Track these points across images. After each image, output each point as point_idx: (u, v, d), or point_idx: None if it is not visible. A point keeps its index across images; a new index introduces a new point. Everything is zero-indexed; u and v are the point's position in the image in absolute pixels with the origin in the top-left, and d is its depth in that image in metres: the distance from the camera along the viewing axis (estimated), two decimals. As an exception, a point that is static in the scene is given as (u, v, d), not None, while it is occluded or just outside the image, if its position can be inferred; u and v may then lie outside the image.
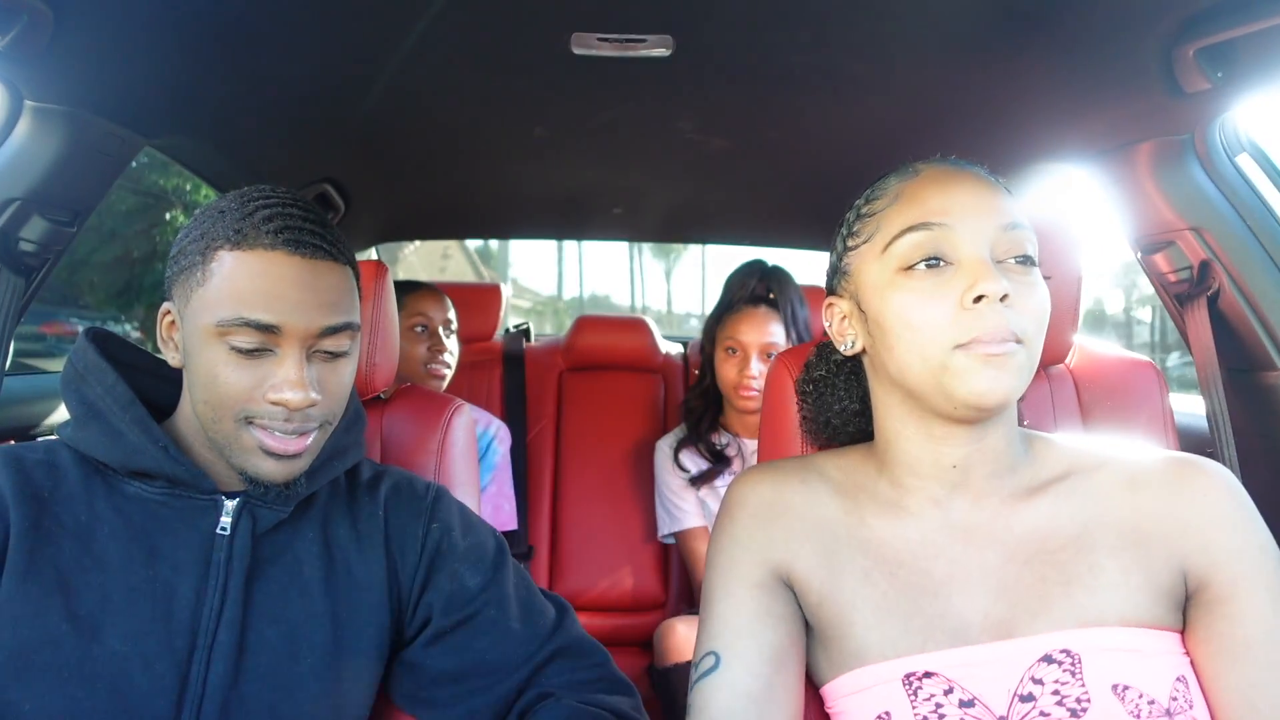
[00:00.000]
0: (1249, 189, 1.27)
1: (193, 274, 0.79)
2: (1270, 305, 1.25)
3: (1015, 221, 0.72)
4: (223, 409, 0.78)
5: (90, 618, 0.76)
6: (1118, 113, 1.21)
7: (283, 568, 0.85)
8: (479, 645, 0.89)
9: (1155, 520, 0.74)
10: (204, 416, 0.80)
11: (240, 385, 0.78)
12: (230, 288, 0.77)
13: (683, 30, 1.07)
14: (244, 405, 0.78)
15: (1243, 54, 0.99)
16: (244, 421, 0.79)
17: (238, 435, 0.79)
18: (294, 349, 0.78)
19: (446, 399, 1.22)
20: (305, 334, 0.78)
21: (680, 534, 1.92)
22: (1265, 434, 1.31)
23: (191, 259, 0.80)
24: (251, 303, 0.77)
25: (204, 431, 0.82)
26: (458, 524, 0.95)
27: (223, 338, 0.77)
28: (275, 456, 0.80)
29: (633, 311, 11.13)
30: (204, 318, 0.78)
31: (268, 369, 0.78)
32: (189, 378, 0.82)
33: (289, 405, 0.78)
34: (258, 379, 0.78)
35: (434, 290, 1.98)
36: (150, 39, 1.05)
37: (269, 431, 0.79)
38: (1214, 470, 0.76)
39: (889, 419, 0.80)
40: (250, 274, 0.77)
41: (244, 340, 0.77)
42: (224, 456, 0.82)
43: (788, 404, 0.99)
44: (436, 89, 1.30)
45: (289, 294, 0.78)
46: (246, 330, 0.77)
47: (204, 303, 0.78)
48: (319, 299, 0.79)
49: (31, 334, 3.39)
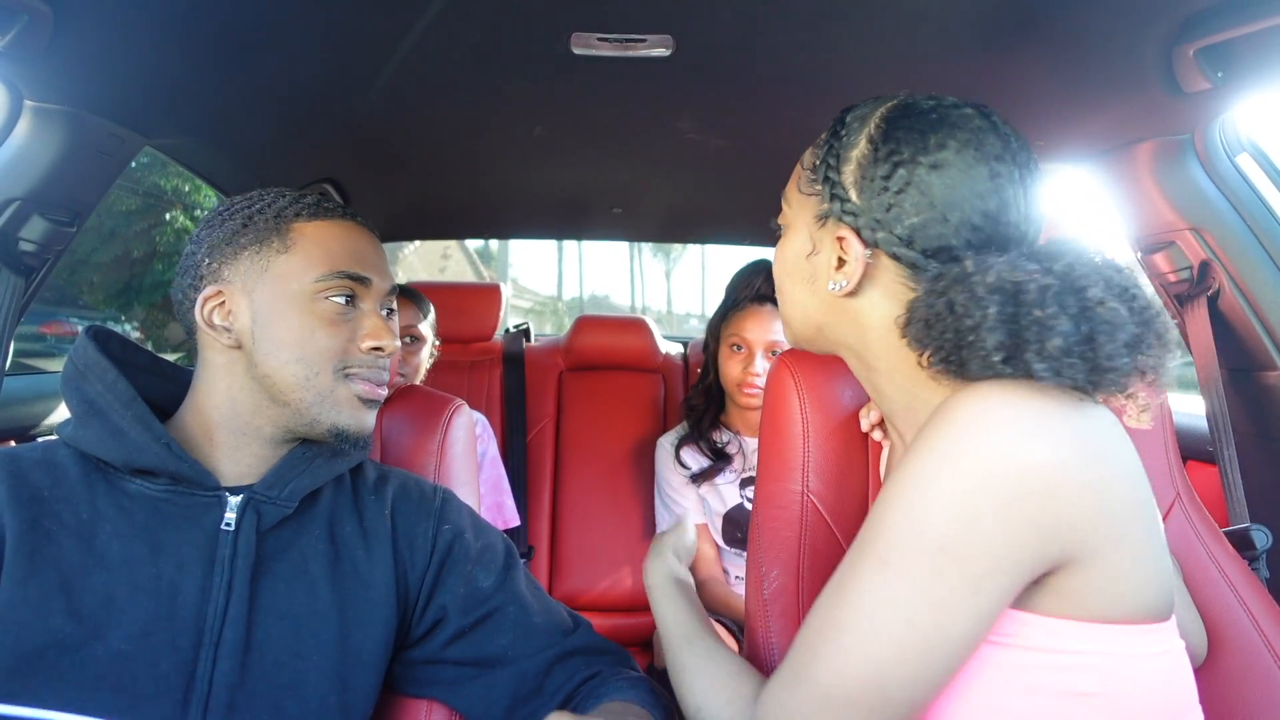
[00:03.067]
0: (1249, 189, 1.27)
1: (267, 245, 0.87)
2: (1270, 305, 1.25)
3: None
4: (320, 364, 0.85)
5: (94, 617, 0.76)
6: (1118, 113, 1.21)
7: (288, 564, 0.85)
8: (501, 640, 0.90)
9: None
10: (291, 378, 0.85)
11: (337, 340, 0.86)
12: (321, 251, 0.87)
13: (683, 30, 1.07)
14: (342, 357, 0.86)
15: (1243, 54, 0.99)
16: (341, 375, 0.86)
17: (333, 390, 0.86)
18: (374, 304, 0.90)
19: (446, 399, 1.22)
20: (381, 291, 0.91)
21: None
22: (1265, 434, 1.31)
23: (260, 235, 0.87)
24: (345, 259, 0.87)
25: (267, 405, 0.86)
26: (469, 526, 0.96)
27: (318, 294, 0.86)
28: (367, 404, 0.88)
29: (633, 311, 11.14)
30: (292, 283, 0.86)
31: (355, 325, 0.88)
32: (264, 347, 0.85)
33: (385, 350, 0.88)
34: (349, 333, 0.87)
35: (402, 296, 1.88)
36: (150, 39, 1.05)
37: (363, 380, 0.87)
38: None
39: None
40: (337, 237, 0.88)
41: (339, 292, 0.86)
42: (305, 419, 0.86)
43: (788, 402, 0.99)
44: (436, 89, 1.30)
45: (369, 254, 0.90)
46: (344, 283, 0.87)
47: (290, 269, 0.86)
48: (385, 262, 0.92)
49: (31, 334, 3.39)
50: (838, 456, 0.99)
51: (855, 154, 0.75)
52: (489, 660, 0.90)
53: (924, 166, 0.71)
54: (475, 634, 0.90)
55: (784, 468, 1.00)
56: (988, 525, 0.61)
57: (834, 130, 0.79)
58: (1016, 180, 0.71)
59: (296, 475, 0.87)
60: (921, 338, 0.71)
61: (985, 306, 0.66)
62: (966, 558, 0.62)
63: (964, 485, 0.62)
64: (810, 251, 0.79)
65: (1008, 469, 0.61)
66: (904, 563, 0.64)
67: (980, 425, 0.63)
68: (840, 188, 0.75)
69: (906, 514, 0.64)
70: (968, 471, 0.62)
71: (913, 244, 0.72)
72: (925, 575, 0.63)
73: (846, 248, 0.75)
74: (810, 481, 0.98)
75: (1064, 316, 0.64)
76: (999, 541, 0.62)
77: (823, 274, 0.78)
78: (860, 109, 0.78)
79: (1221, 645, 0.93)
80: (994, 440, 0.62)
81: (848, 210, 0.74)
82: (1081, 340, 0.63)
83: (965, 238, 0.71)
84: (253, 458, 0.87)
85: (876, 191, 0.73)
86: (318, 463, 0.89)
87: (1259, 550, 1.12)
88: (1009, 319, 0.65)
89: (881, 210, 0.72)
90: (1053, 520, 0.62)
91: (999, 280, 0.66)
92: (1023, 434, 0.62)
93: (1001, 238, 0.71)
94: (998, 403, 0.64)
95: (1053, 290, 0.65)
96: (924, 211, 0.71)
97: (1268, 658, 0.91)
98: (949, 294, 0.69)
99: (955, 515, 0.62)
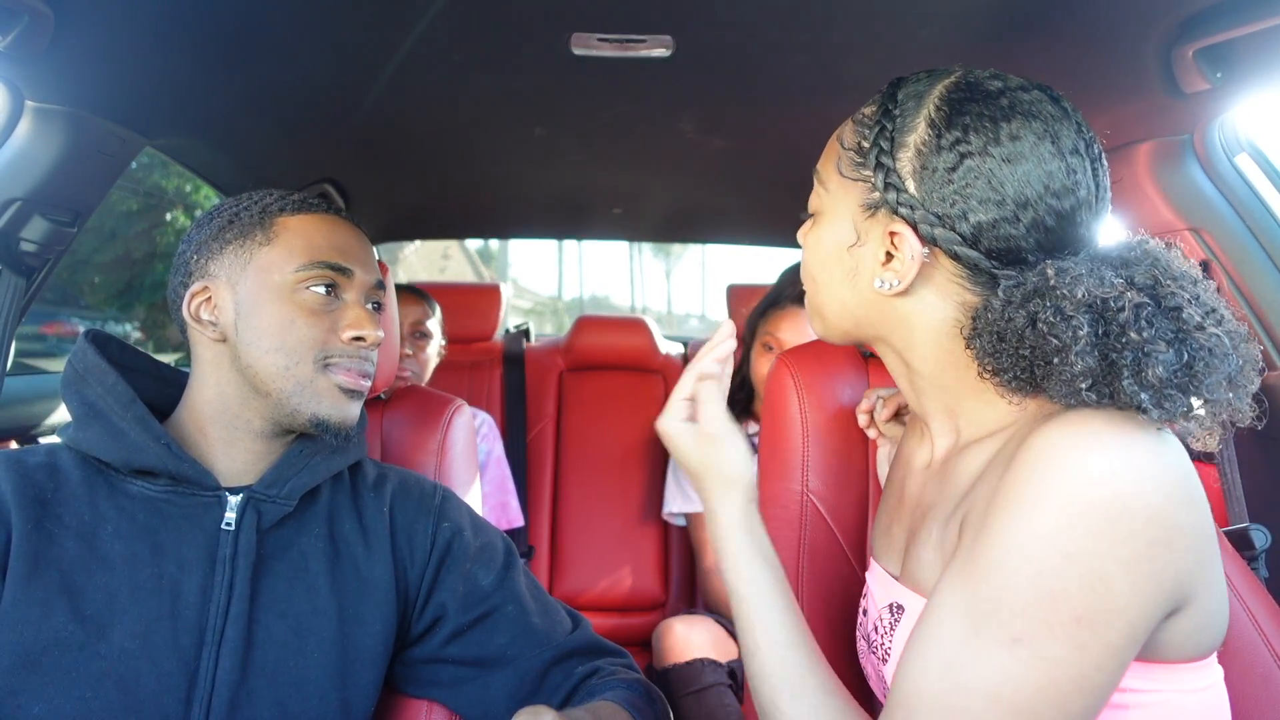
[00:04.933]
0: (1248, 189, 1.27)
1: (250, 239, 0.88)
2: (1270, 305, 1.25)
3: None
4: (300, 354, 0.85)
5: (97, 617, 0.77)
6: (1117, 113, 1.21)
7: (288, 563, 0.85)
8: (499, 640, 0.90)
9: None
10: (272, 368, 0.85)
11: (317, 329, 0.86)
12: (303, 242, 0.88)
13: (683, 30, 1.07)
14: (322, 347, 0.86)
15: (1242, 54, 0.99)
16: (322, 365, 0.86)
17: (314, 380, 0.86)
18: (357, 295, 0.90)
19: (446, 399, 1.22)
20: (364, 284, 0.91)
21: (693, 516, 1.93)
22: (1265, 434, 1.31)
23: (245, 229, 0.88)
24: (326, 250, 0.88)
25: (251, 397, 0.86)
26: (468, 524, 0.96)
27: (299, 285, 0.86)
28: (348, 395, 0.88)
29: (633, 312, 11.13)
30: (274, 275, 0.86)
31: (337, 315, 0.88)
32: (247, 338, 0.85)
33: (366, 340, 0.88)
34: (330, 323, 0.87)
35: (409, 293, 1.94)
36: (151, 39, 1.05)
37: (343, 369, 0.87)
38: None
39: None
40: (319, 229, 0.90)
41: (321, 281, 0.87)
42: (286, 409, 0.85)
43: (788, 402, 0.99)
44: (436, 89, 1.30)
45: (352, 247, 0.91)
46: (325, 273, 0.87)
47: (272, 260, 0.87)
48: (370, 256, 0.93)
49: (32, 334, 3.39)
50: (837, 456, 0.99)
51: (913, 139, 0.67)
52: (488, 660, 0.90)
53: (995, 159, 0.63)
54: (474, 632, 0.90)
55: (784, 467, 1.00)
56: (1119, 588, 0.55)
57: (884, 108, 0.70)
58: (1090, 175, 0.65)
59: (295, 473, 0.87)
60: (993, 351, 0.64)
61: (1076, 327, 0.59)
62: (1106, 626, 0.55)
63: (1091, 543, 0.55)
64: (854, 243, 0.71)
65: (1132, 519, 0.55)
66: (1039, 639, 0.56)
67: (1093, 467, 0.56)
68: (895, 175, 0.67)
69: (1033, 582, 0.56)
70: (1093, 526, 0.55)
71: (978, 243, 0.65)
72: (1067, 651, 0.55)
73: (899, 243, 0.68)
74: (810, 481, 0.98)
75: (1163, 341, 0.57)
76: (1133, 606, 0.56)
77: (867, 269, 0.70)
78: (913, 84, 0.69)
79: (1221, 645, 0.93)
80: (1112, 485, 0.55)
81: (904, 203, 0.66)
82: (1182, 369, 0.57)
83: (1036, 239, 0.64)
84: (247, 454, 0.88)
85: (940, 184, 0.65)
86: (316, 460, 0.89)
87: (1258, 550, 1.12)
88: (1100, 340, 0.59)
89: (945, 205, 0.65)
90: (1172, 574, 0.57)
91: (1088, 295, 0.59)
92: (1139, 477, 0.56)
93: (1072, 239, 0.65)
94: (1106, 440, 0.57)
95: (1146, 311, 0.58)
96: (993, 209, 0.64)
97: (1268, 658, 0.91)
98: (1029, 306, 0.62)
99: (1087, 579, 0.55)
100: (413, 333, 1.92)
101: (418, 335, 1.93)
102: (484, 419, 2.01)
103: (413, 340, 1.92)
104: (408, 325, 1.91)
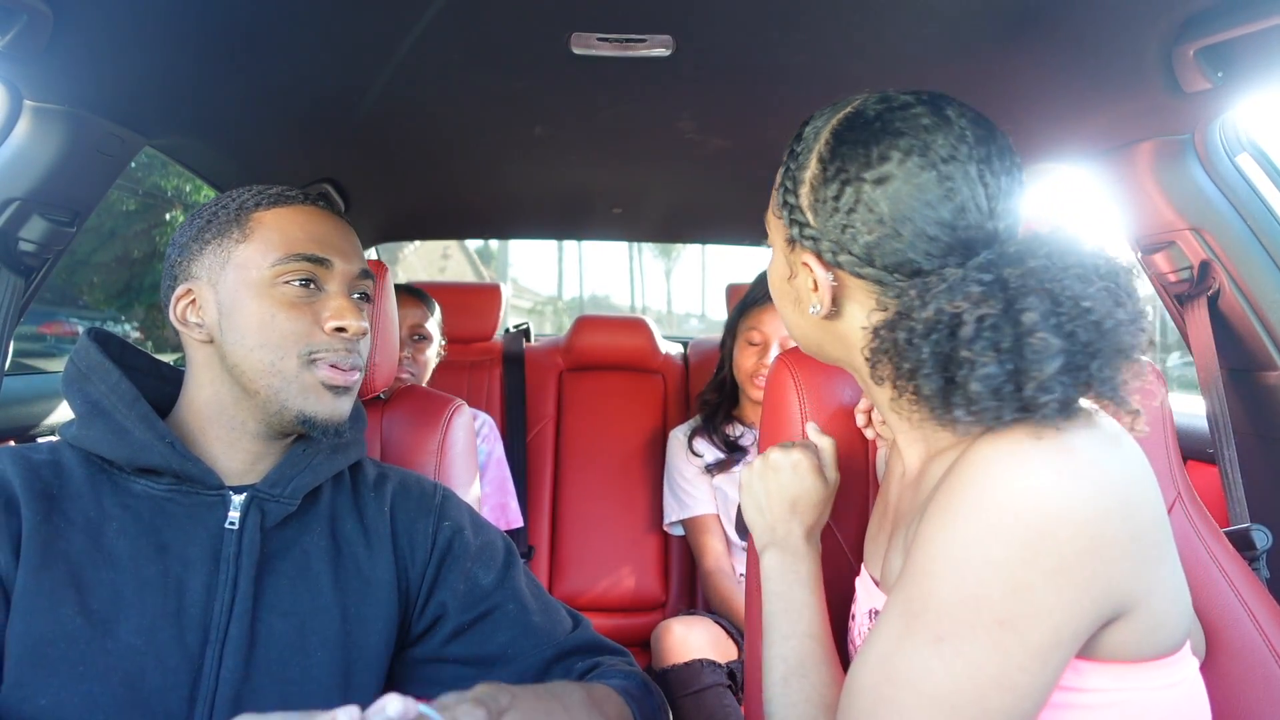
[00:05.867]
0: (1249, 189, 1.27)
1: (227, 237, 0.86)
2: (1270, 305, 1.25)
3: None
4: (284, 349, 0.84)
5: (103, 613, 0.77)
6: (1118, 113, 1.21)
7: (291, 562, 0.85)
8: (500, 639, 0.90)
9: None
10: (258, 365, 0.84)
11: (300, 323, 0.85)
12: (279, 236, 0.86)
13: (683, 30, 1.07)
14: (306, 341, 0.85)
15: (1243, 54, 0.99)
16: (306, 360, 0.85)
17: (299, 375, 0.85)
18: (340, 286, 0.88)
19: (446, 399, 1.22)
20: (347, 273, 0.88)
21: (689, 521, 1.94)
22: (1265, 434, 1.31)
23: (222, 228, 0.87)
24: (303, 242, 0.86)
25: (242, 396, 0.85)
26: (468, 524, 0.96)
27: (277, 280, 0.85)
28: (334, 391, 0.86)
29: (633, 311, 11.14)
30: (251, 271, 0.85)
31: (320, 306, 0.86)
32: (231, 338, 0.85)
33: (349, 330, 0.86)
34: (313, 316, 0.86)
35: (408, 294, 1.93)
36: (150, 39, 1.05)
37: (328, 365, 0.86)
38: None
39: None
40: (295, 222, 0.88)
41: (298, 275, 0.85)
42: (274, 406, 0.85)
43: (788, 402, 0.99)
44: (436, 89, 1.30)
45: (332, 237, 0.89)
46: (302, 265, 0.85)
47: (249, 256, 0.85)
48: (352, 244, 0.91)
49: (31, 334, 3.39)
50: (837, 455, 0.99)
51: (808, 175, 0.73)
52: (489, 659, 0.90)
53: (869, 182, 0.68)
54: (475, 631, 0.91)
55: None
56: (1043, 595, 0.58)
57: (791, 149, 0.77)
58: (974, 178, 0.67)
59: (298, 473, 0.88)
60: (883, 377, 0.69)
61: (919, 348, 0.64)
62: (1029, 630, 0.59)
63: (1015, 552, 0.58)
64: (789, 275, 0.78)
65: (1057, 530, 0.58)
66: (960, 639, 0.60)
67: (1019, 480, 0.59)
68: (799, 211, 0.73)
69: (957, 586, 0.60)
70: (1017, 536, 0.58)
71: (873, 262, 0.69)
72: (988, 651, 0.59)
73: (812, 272, 0.73)
74: (810, 481, 0.97)
75: (993, 352, 0.61)
76: (1057, 611, 0.59)
77: (804, 297, 0.76)
78: (815, 121, 0.75)
79: (1221, 646, 0.93)
80: (1036, 498, 0.58)
81: (807, 235, 0.72)
82: (1008, 379, 0.60)
83: (924, 249, 0.67)
84: (247, 454, 0.88)
85: (830, 213, 0.70)
86: (318, 460, 0.89)
87: (1259, 550, 1.12)
88: (944, 360, 0.63)
89: (837, 231, 0.70)
90: (1103, 582, 0.59)
91: (937, 314, 0.63)
92: (1067, 489, 0.58)
93: (967, 241, 0.67)
94: (1034, 453, 0.60)
95: (989, 321, 0.61)
96: (876, 229, 0.68)
97: (1268, 658, 0.91)
98: (896, 330, 0.66)
99: (1010, 585, 0.58)
100: (411, 336, 1.90)
101: (416, 339, 1.90)
102: (484, 420, 2.01)
103: (411, 343, 1.89)
104: (406, 328, 1.89)
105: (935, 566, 0.61)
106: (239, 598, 0.81)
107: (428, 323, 1.93)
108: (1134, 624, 0.62)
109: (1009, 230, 0.68)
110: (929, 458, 0.75)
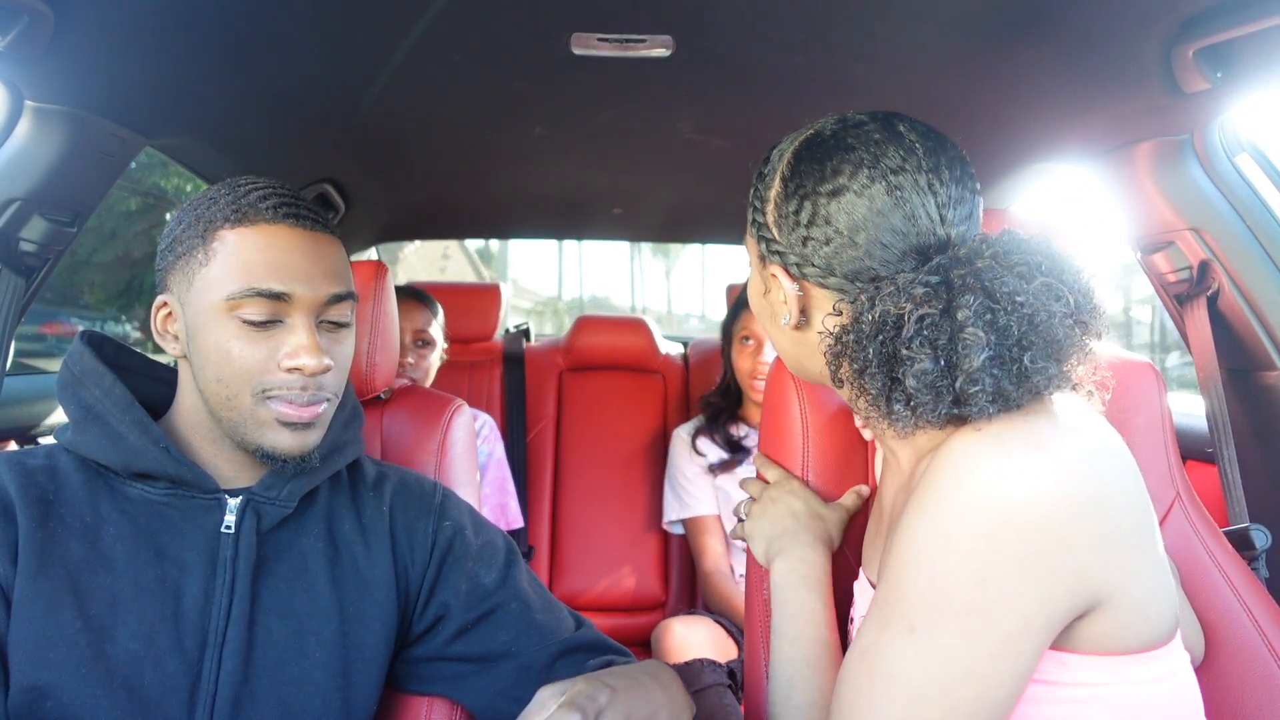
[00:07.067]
0: (1248, 189, 1.27)
1: (193, 257, 0.81)
2: (1270, 305, 1.25)
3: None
4: (238, 384, 0.80)
5: (101, 618, 0.77)
6: (1117, 113, 1.21)
7: (288, 564, 0.85)
8: (503, 637, 0.90)
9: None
10: (216, 396, 0.81)
11: (255, 357, 0.79)
12: (237, 262, 0.79)
13: (683, 30, 1.07)
14: (260, 377, 0.80)
15: (1242, 54, 0.99)
16: (261, 396, 0.80)
17: (254, 410, 0.80)
18: (303, 318, 0.81)
19: (446, 399, 1.22)
20: (313, 302, 0.81)
21: (689, 522, 1.94)
22: (1265, 434, 1.31)
23: (189, 244, 0.81)
24: (261, 273, 0.79)
25: (212, 417, 0.83)
26: (469, 523, 0.96)
27: (233, 312, 0.79)
28: (291, 427, 0.81)
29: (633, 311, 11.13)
30: (211, 296, 0.79)
31: (279, 339, 0.80)
32: (196, 361, 0.82)
33: (305, 370, 0.79)
34: (270, 350, 0.80)
35: (413, 298, 1.92)
36: (151, 39, 1.05)
37: (284, 401, 0.80)
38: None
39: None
40: (256, 247, 0.80)
41: (255, 312, 0.79)
42: (237, 437, 0.82)
43: (788, 402, 0.99)
44: (436, 89, 1.30)
45: (296, 263, 0.80)
46: (258, 301, 0.78)
47: (209, 282, 0.80)
48: (323, 268, 0.82)
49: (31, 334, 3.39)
50: (837, 456, 0.99)
51: (772, 194, 0.77)
52: (492, 656, 0.90)
53: (824, 195, 0.71)
54: (478, 630, 0.91)
55: (784, 467, 1.00)
56: (1010, 584, 0.60)
57: (760, 172, 0.81)
58: (923, 188, 0.70)
59: (294, 476, 0.87)
60: (842, 379, 0.72)
61: (866, 349, 0.67)
62: (998, 619, 0.61)
63: (982, 543, 0.60)
64: (764, 290, 0.81)
65: (1023, 520, 0.60)
66: (932, 628, 0.62)
67: (985, 472, 0.62)
68: (766, 229, 0.77)
69: (929, 578, 0.62)
70: (983, 527, 0.60)
71: (834, 271, 0.72)
72: (957, 640, 0.61)
73: (781, 284, 0.77)
74: (810, 481, 0.98)
75: (929, 349, 0.63)
76: (1025, 600, 0.60)
77: (778, 310, 0.79)
78: (781, 144, 0.80)
79: (1221, 645, 0.93)
80: (1001, 490, 0.61)
81: (774, 250, 0.76)
82: (941, 375, 0.63)
83: (880, 257, 0.70)
84: (239, 461, 0.87)
85: (791, 227, 0.74)
86: (312, 463, 0.89)
87: (1259, 550, 1.12)
88: (887, 361, 0.66)
89: (800, 245, 0.73)
90: (1075, 573, 0.61)
91: (882, 316, 0.66)
92: (1034, 481, 0.61)
93: (920, 248, 0.70)
94: (1001, 447, 0.62)
95: (929, 320, 0.64)
96: (833, 239, 0.71)
97: (1268, 658, 0.91)
98: (848, 333, 0.69)
99: (978, 575, 0.60)
100: (415, 341, 1.89)
101: (420, 344, 1.90)
102: (485, 420, 2.01)
103: (415, 349, 1.89)
104: (410, 334, 1.88)
105: (908, 558, 0.64)
106: (236, 601, 0.81)
107: (431, 327, 1.92)
108: (1113, 615, 0.63)
109: (962, 236, 0.71)
110: (917, 458, 0.76)
